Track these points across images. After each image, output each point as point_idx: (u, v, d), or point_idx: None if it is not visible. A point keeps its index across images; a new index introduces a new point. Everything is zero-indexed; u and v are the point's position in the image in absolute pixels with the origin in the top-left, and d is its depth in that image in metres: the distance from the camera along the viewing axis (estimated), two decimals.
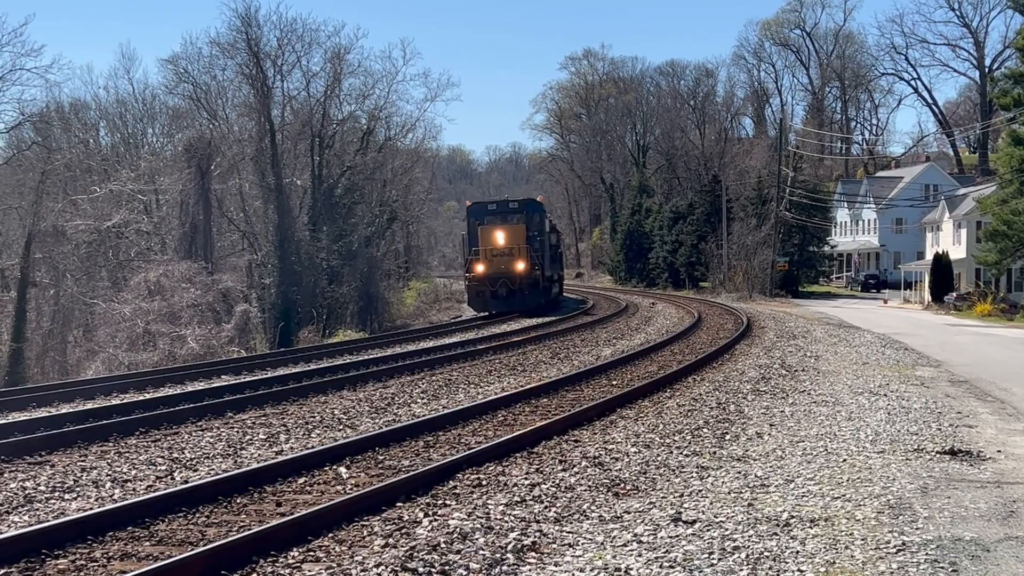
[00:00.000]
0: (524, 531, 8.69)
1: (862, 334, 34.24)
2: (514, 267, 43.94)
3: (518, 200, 50.73)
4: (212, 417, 15.68)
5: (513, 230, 44.63)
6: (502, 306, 44.56)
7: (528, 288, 44.46)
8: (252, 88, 66.44)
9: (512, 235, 44.39)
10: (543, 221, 47.52)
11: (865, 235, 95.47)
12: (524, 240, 44.37)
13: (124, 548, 8.40)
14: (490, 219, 45.94)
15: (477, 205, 49.40)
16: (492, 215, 46.68)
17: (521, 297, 44.36)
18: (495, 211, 47.39)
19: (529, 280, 44.39)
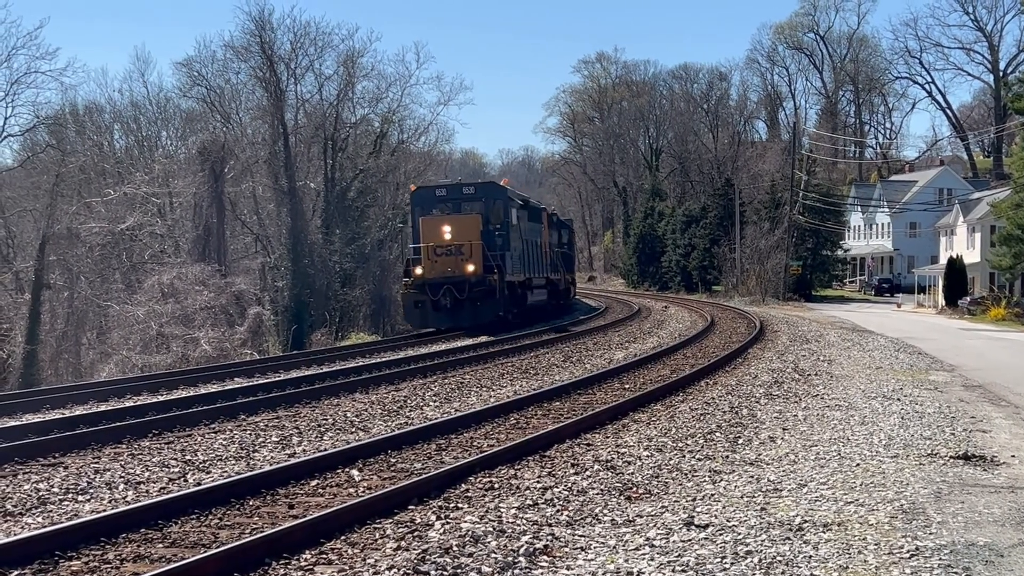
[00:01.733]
0: (536, 534, 8.68)
1: (875, 338, 34.15)
2: (463, 269, 34.84)
3: (474, 184, 39.63)
4: (225, 419, 15.71)
5: (464, 222, 35.39)
6: (446, 321, 35.14)
7: (481, 297, 34.91)
8: (266, 91, 66.62)
9: (462, 228, 35.24)
10: (507, 210, 37.09)
11: (879, 239, 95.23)
12: (478, 235, 35.16)
13: (137, 550, 8.42)
14: (439, 208, 36.76)
15: (423, 190, 38.94)
16: (442, 203, 36.97)
17: (472, 309, 34.89)
18: (445, 198, 37.15)
19: (483, 287, 34.84)
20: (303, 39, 70.15)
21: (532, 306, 41.34)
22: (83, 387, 20.41)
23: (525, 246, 39.95)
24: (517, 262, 37.87)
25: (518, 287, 38.12)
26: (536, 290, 42.35)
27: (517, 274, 37.79)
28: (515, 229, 37.80)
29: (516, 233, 37.96)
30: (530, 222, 42.11)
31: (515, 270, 37.38)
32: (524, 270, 39.27)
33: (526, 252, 40.00)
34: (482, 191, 37.63)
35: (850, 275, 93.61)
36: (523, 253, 39.37)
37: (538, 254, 43.69)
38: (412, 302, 35.40)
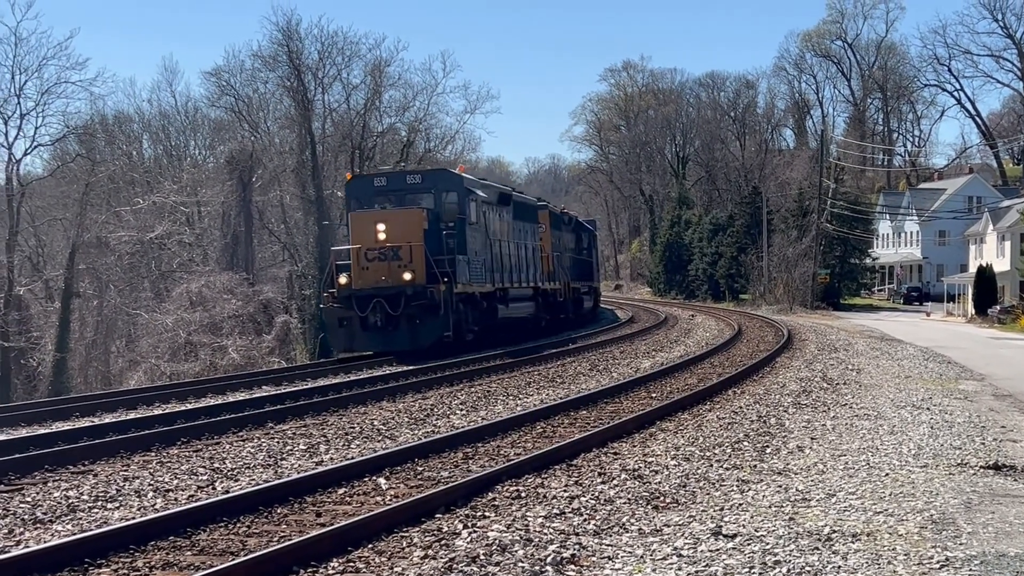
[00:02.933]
0: (563, 544, 8.67)
1: (904, 347, 33.95)
2: (399, 277, 27.77)
3: (421, 171, 33.13)
4: (253, 427, 15.77)
5: (402, 219, 28.43)
6: (376, 343, 28.33)
7: (421, 313, 27.70)
8: (293, 100, 66.97)
9: (400, 226, 28.15)
10: (464, 204, 30.03)
11: (907, 247, 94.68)
12: (420, 234, 28.02)
13: (166, 557, 8.46)
14: (379, 202, 30.06)
15: (360, 180, 32.37)
16: (382, 195, 30.24)
17: (409, 328, 27.81)
18: (385, 189, 30.33)
19: (422, 300, 27.63)
20: (330, 48, 70.56)
21: (508, 322, 34.01)
22: (112, 395, 20.54)
23: (497, 249, 32.91)
24: (479, 269, 30.89)
25: (482, 300, 31.10)
26: (516, 303, 34.83)
27: (479, 284, 30.71)
28: (476, 228, 30.69)
29: (478, 233, 30.92)
30: (516, 220, 35.92)
31: (475, 278, 30.33)
32: (493, 278, 32.01)
33: (499, 257, 33.08)
34: (431, 180, 30.57)
35: (878, 284, 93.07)
36: (493, 258, 32.30)
37: (524, 259, 36.54)
38: (336, 319, 28.44)
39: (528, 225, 38.15)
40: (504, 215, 34.62)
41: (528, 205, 39.63)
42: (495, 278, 32.41)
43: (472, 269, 30.08)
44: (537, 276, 38.30)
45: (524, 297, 36.41)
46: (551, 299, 41.01)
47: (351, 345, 28.92)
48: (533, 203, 41.35)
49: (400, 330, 27.95)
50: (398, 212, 28.91)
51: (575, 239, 50.64)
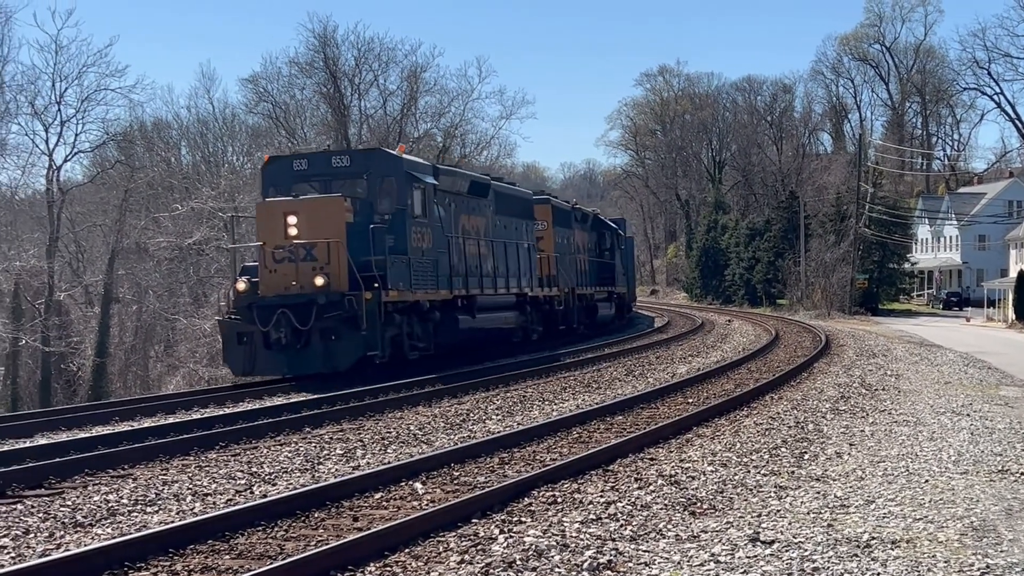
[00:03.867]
0: (600, 549, 8.65)
1: (944, 353, 33.67)
2: (311, 283, 22.71)
3: (350, 152, 28.01)
4: (290, 432, 15.85)
5: (319, 208, 23.17)
6: (281, 365, 23.09)
7: (337, 327, 22.55)
8: (330, 107, 67.38)
9: (315, 218, 22.97)
10: (405, 192, 24.58)
11: (947, 252, 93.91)
12: (341, 229, 22.90)
13: (205, 561, 8.52)
14: (299, 190, 24.59)
15: (278, 163, 26.18)
16: (303, 181, 24.95)
17: (324, 346, 22.61)
18: (307, 174, 25.11)
19: (338, 311, 22.45)
20: (367, 55, 70.96)
21: (478, 336, 29.12)
22: (151, 399, 20.70)
23: (463, 248, 27.85)
24: (428, 272, 25.36)
25: (434, 310, 25.88)
26: (489, 312, 29.46)
27: (427, 289, 25.24)
28: (423, 222, 25.28)
29: (427, 228, 25.51)
30: (500, 215, 31.21)
31: (421, 283, 24.87)
32: (452, 283, 26.76)
33: (466, 257, 28.01)
34: (362, 163, 25.12)
35: (917, 289, 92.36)
36: (457, 258, 27.35)
37: (508, 261, 31.34)
38: (234, 334, 23.14)
39: (518, 221, 33.04)
40: (480, 208, 29.68)
41: (517, 198, 34.17)
42: (456, 283, 27.09)
43: (416, 272, 24.59)
44: (527, 280, 33.06)
45: (503, 305, 30.83)
46: (545, 307, 35.60)
47: (251, 367, 23.34)
48: (526, 196, 35.75)
49: (311, 349, 22.68)
50: (313, 201, 23.56)
51: (594, 239, 46.03)
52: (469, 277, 28.22)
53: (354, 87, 73.86)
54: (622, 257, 51.33)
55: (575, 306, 39.36)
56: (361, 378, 22.48)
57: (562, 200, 43.33)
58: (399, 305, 24.07)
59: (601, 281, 45.63)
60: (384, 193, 24.67)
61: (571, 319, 38.76)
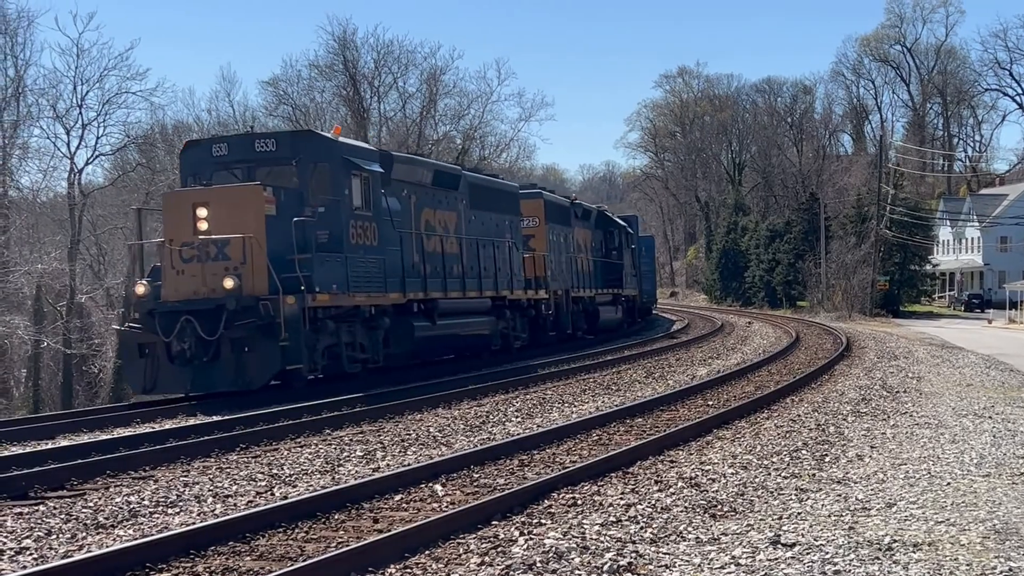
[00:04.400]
0: (620, 552, 8.64)
1: (966, 355, 33.50)
2: (221, 284, 19.91)
3: (278, 135, 23.40)
4: (310, 434, 15.88)
5: (233, 199, 20.41)
6: (184, 381, 20.23)
7: (251, 337, 19.73)
8: (349, 109, 67.56)
9: (229, 209, 20.17)
10: (341, 180, 21.75)
11: (968, 254, 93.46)
12: (260, 223, 20.14)
13: (226, 563, 8.54)
14: (221, 179, 21.85)
15: (195, 149, 23.03)
16: (223, 169, 22.13)
17: (236, 359, 19.83)
18: (227, 160, 22.13)
19: (251, 319, 19.64)
20: (386, 57, 71.14)
21: (441, 343, 26.71)
22: (172, 401, 20.74)
23: (422, 245, 25.14)
24: (372, 272, 22.60)
25: (382, 315, 23.22)
26: (454, 318, 26.43)
27: (371, 293, 22.52)
28: (367, 216, 22.48)
29: (372, 222, 22.72)
30: (476, 209, 28.58)
31: (362, 285, 22.14)
32: (406, 285, 24.03)
33: (427, 256, 25.26)
34: (292, 147, 21.91)
35: (939, 290, 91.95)
36: (416, 257, 24.69)
37: (483, 260, 28.52)
38: (134, 345, 20.48)
39: (499, 217, 30.30)
40: (449, 202, 27.06)
41: (498, 191, 31.12)
42: (412, 285, 24.34)
43: (355, 272, 21.79)
44: (507, 282, 30.01)
45: (475, 310, 27.95)
46: (530, 311, 32.47)
47: (152, 384, 20.42)
48: (509, 190, 32.55)
49: (220, 362, 19.83)
50: (227, 190, 20.76)
51: (600, 237, 43.33)
52: (430, 278, 25.38)
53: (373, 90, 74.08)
54: (633, 257, 48.79)
55: (569, 310, 36.37)
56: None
57: (560, 195, 40.58)
58: (334, 311, 21.41)
59: (607, 283, 43.07)
60: (316, 182, 21.70)
61: (564, 324, 35.81)
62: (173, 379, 20.43)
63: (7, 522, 10.10)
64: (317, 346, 21.04)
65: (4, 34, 59.32)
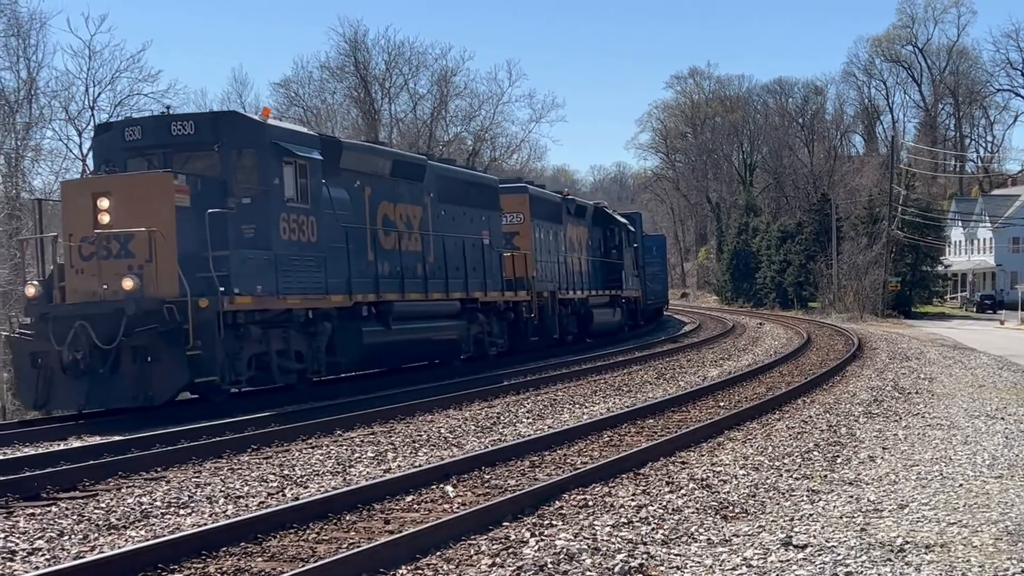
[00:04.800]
0: (631, 553, 8.63)
1: (978, 356, 33.39)
2: (120, 286, 17.74)
3: (197, 117, 20.39)
4: (322, 435, 15.90)
5: (139, 188, 18.30)
6: (78, 395, 17.77)
7: (155, 346, 17.49)
8: (360, 111, 67.63)
9: (134, 200, 18.01)
10: (270, 168, 19.52)
11: (980, 254, 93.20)
12: (170, 214, 18.03)
13: (237, 563, 8.56)
14: (136, 167, 19.69)
15: (109, 132, 20.56)
16: (138, 156, 19.86)
17: (140, 370, 17.54)
18: (140, 145, 19.75)
19: (154, 326, 17.45)
20: (397, 59, 71.22)
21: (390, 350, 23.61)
22: (183, 403, 20.74)
23: (378, 242, 23.08)
24: (306, 270, 20.26)
25: (320, 321, 20.94)
26: (409, 322, 23.88)
27: (299, 295, 20.00)
28: (295, 209, 20.00)
29: (304, 216, 20.23)
30: (443, 203, 26.41)
31: (292, 286, 19.73)
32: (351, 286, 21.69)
33: (382, 254, 23.20)
34: (213, 130, 19.49)
35: (951, 291, 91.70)
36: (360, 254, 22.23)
37: (448, 259, 26.21)
38: (25, 355, 18.24)
39: (475, 212, 28.16)
40: (413, 195, 24.81)
41: (473, 184, 28.85)
42: (361, 286, 22.15)
43: (287, 272, 19.57)
44: (480, 283, 27.81)
45: (439, 313, 25.71)
46: (508, 315, 30.19)
47: (46, 399, 18.07)
48: (486, 183, 30.40)
49: (120, 375, 17.54)
50: (131, 179, 18.60)
51: (598, 235, 41.24)
52: (385, 278, 23.14)
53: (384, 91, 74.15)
54: (635, 256, 46.31)
55: (556, 313, 33.75)
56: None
57: (552, 191, 38.47)
58: (259, 315, 19.17)
59: (606, 283, 40.86)
60: (241, 169, 19.42)
61: (550, 328, 33.22)
62: (66, 393, 17.97)
63: (20, 523, 10.14)
64: (240, 355, 18.72)
65: (16, 36, 59.38)
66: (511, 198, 31.89)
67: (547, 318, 32.89)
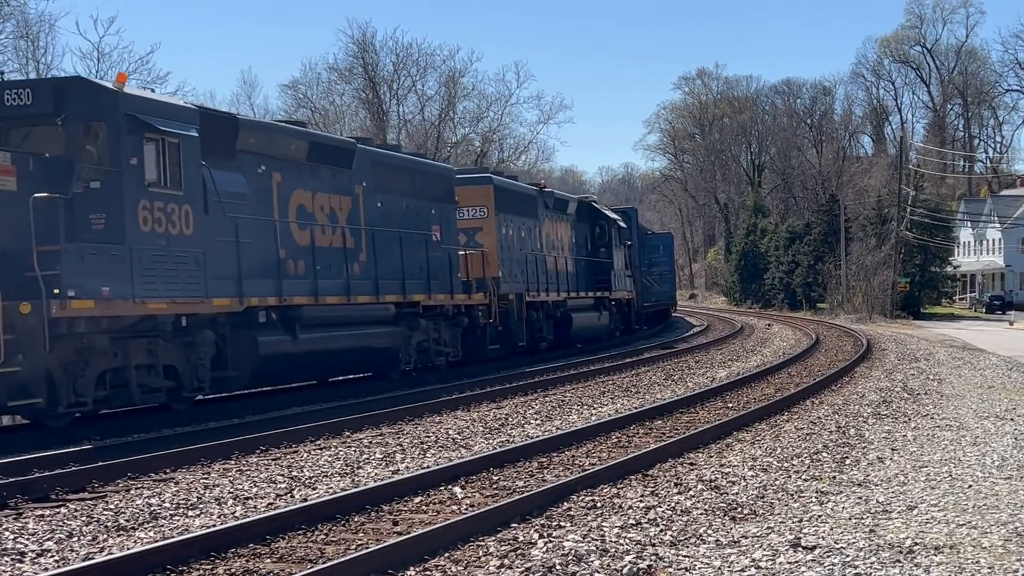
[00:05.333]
0: (640, 554, 8.63)
1: (987, 357, 33.31)
2: None
3: (33, 84, 17.75)
4: (330, 436, 15.91)
5: None
6: None
7: None
8: (368, 112, 67.67)
9: None
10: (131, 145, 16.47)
11: (989, 255, 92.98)
12: None
13: (246, 565, 8.56)
14: None
15: None
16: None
17: None
18: None
19: None
20: (405, 60, 71.30)
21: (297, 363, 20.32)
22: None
23: (286, 236, 20.06)
24: (176, 269, 17.19)
25: (199, 329, 17.76)
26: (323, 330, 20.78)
27: (164, 298, 16.88)
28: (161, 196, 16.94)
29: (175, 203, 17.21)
30: (379, 193, 23.26)
31: (155, 288, 16.70)
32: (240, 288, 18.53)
33: (290, 250, 20.19)
34: (56, 100, 16.34)
35: (960, 292, 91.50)
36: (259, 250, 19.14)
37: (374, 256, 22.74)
38: None
39: (420, 203, 24.98)
40: (338, 183, 21.90)
41: (420, 172, 25.66)
42: (256, 288, 18.93)
43: (147, 270, 16.56)
44: (423, 284, 24.57)
45: (367, 319, 22.26)
46: (461, 320, 26.86)
47: None
48: (437, 171, 27.42)
49: None
50: None
51: (584, 232, 38.19)
52: (292, 279, 20.02)
53: (392, 92, 74.25)
54: (629, 255, 43.15)
55: (523, 318, 30.35)
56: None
57: (528, 182, 35.68)
58: (108, 323, 16.00)
59: (594, 284, 37.78)
60: (90, 147, 16.41)
61: (517, 335, 30.04)
62: None
63: (29, 524, 10.16)
64: (85, 372, 15.70)
65: (26, 38, 59.57)
66: (472, 190, 28.97)
67: (513, 323, 29.76)
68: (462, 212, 28.24)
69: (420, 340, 24.87)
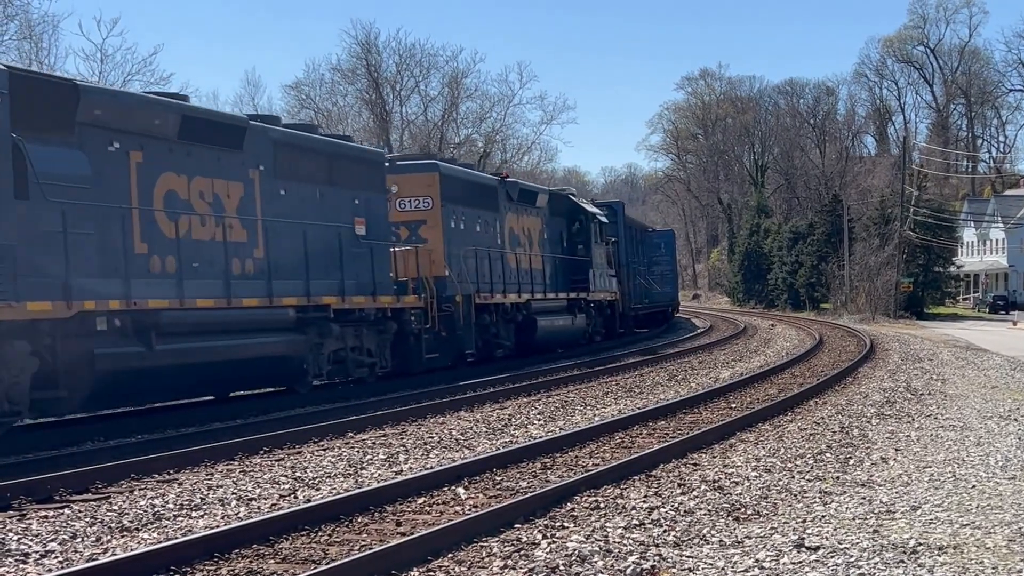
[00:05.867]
0: (643, 555, 8.63)
1: (991, 357, 33.28)
2: None
3: None
4: (333, 437, 15.92)
5: None
6: None
7: None
8: (372, 113, 67.73)
9: None
10: None
11: (993, 255, 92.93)
12: None
13: (249, 566, 8.57)
14: None
15: None
16: None
17: None
18: None
19: None
20: (408, 61, 71.37)
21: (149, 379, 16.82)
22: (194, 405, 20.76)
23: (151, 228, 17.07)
24: None
25: (6, 340, 14.28)
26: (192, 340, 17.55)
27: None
28: None
29: None
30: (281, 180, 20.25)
31: None
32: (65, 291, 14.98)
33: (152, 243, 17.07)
34: None
35: (963, 292, 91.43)
36: (100, 245, 15.94)
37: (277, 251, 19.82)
38: None
39: (338, 192, 21.80)
40: (225, 167, 18.78)
41: (331, 155, 22.12)
42: (94, 288, 15.58)
43: None
44: (336, 285, 21.44)
45: (254, 326, 19.09)
46: (390, 326, 23.47)
47: None
48: (363, 156, 24.11)
49: None
50: None
51: (558, 227, 35.10)
52: (152, 278, 16.92)
53: (395, 93, 74.30)
54: (612, 252, 39.72)
55: (471, 322, 26.94)
56: None
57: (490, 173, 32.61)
58: None
59: (568, 284, 34.52)
60: None
61: (462, 343, 26.69)
62: None
63: (32, 525, 10.16)
64: None
65: (29, 39, 59.63)
66: (415, 177, 25.89)
67: (459, 329, 26.33)
68: (403, 203, 25.61)
69: (335, 349, 21.47)
